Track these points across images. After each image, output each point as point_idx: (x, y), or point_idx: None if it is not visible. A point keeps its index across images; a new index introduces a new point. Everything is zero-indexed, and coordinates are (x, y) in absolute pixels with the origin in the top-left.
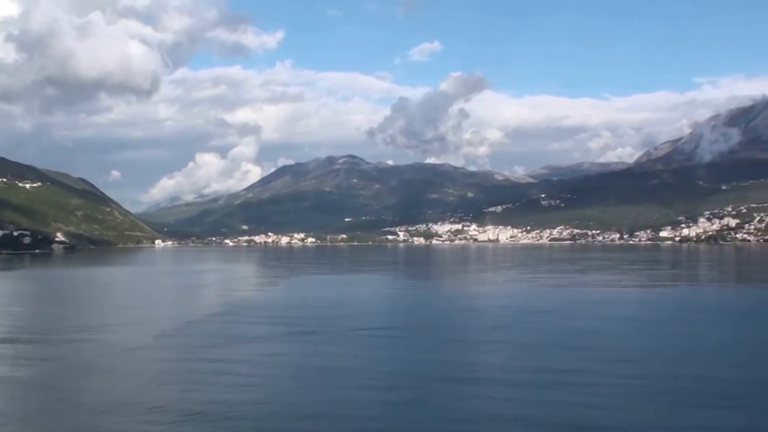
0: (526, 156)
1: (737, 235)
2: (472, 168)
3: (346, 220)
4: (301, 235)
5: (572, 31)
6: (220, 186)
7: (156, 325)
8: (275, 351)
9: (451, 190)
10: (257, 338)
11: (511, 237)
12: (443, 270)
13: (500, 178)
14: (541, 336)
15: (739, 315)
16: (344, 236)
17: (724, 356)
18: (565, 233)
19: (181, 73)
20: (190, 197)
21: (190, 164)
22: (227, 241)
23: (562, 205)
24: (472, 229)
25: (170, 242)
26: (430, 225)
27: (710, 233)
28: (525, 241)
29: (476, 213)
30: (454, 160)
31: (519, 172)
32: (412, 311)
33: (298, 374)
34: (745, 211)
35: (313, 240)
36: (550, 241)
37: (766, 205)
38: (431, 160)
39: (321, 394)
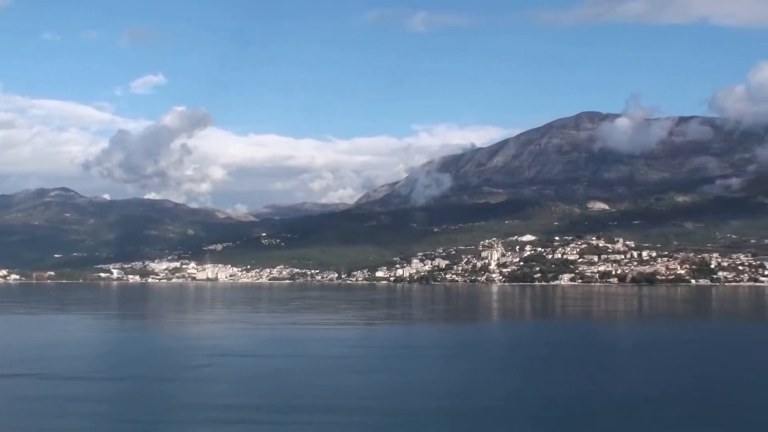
0: (249, 195)
1: (447, 276)
2: (193, 205)
3: (56, 256)
4: (4, 272)
5: (298, 73)
6: None
7: None
8: None
9: (171, 227)
10: None
11: (230, 276)
12: (149, 309)
13: (222, 216)
14: (217, 382)
15: (443, 352)
16: (52, 273)
17: (417, 392)
18: (284, 272)
19: None
20: None
21: None
22: None
23: (283, 244)
24: (191, 267)
25: None
26: (147, 262)
27: (422, 273)
28: (244, 280)
29: (196, 251)
30: (175, 197)
31: (241, 211)
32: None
33: None
34: (454, 252)
35: (17, 277)
36: (269, 280)
37: (472, 247)
38: (151, 195)
39: None
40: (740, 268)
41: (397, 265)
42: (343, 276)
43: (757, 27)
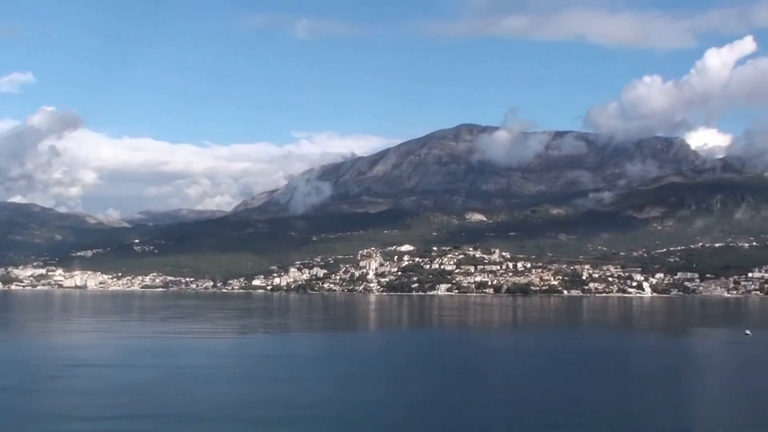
0: (122, 200)
1: (324, 285)
2: (62, 209)
3: None
4: None
5: (176, 76)
6: None
7: None
8: None
9: (37, 232)
10: None
11: (100, 283)
12: (9, 318)
13: (93, 221)
14: (74, 393)
15: (317, 361)
16: None
17: (282, 401)
18: (158, 280)
19: None
20: None
21: None
22: None
23: (157, 251)
24: (58, 274)
25: None
26: (10, 269)
27: (300, 282)
28: (115, 288)
29: (64, 257)
30: (42, 200)
31: (113, 216)
32: None
33: None
34: (332, 261)
35: None
36: (141, 288)
37: (350, 256)
38: (16, 198)
39: None
40: (610, 279)
41: (275, 274)
42: (218, 284)
43: (630, 46)
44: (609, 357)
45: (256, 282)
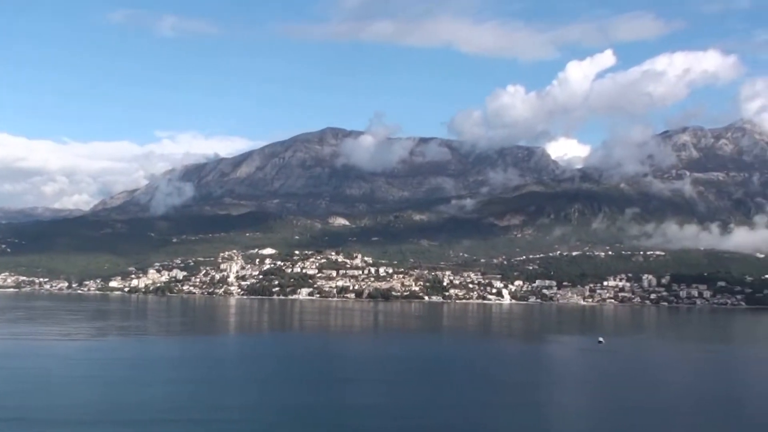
0: None
1: (184, 287)
2: None
3: None
4: None
5: (32, 71)
6: None
7: None
8: None
9: None
10: None
11: None
12: None
13: None
14: None
15: (171, 365)
16: None
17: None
18: (9, 280)
19: None
20: None
21: None
22: None
23: (9, 250)
24: None
25: None
26: None
27: (159, 284)
28: None
29: None
30: None
31: None
32: None
33: None
34: (192, 264)
35: None
36: None
37: (211, 259)
38: None
39: None
40: (470, 285)
41: (133, 276)
42: (74, 285)
43: (495, 56)
44: (468, 364)
45: (113, 283)
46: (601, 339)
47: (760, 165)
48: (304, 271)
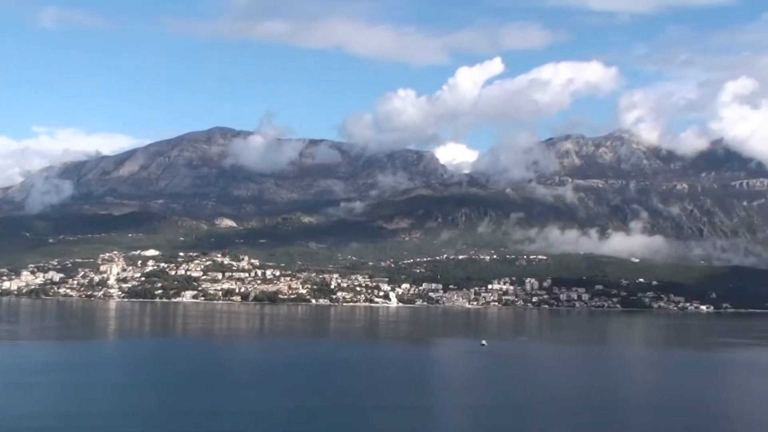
0: None
1: (60, 290)
2: None
3: None
4: None
5: None
6: None
7: None
8: None
9: None
10: None
11: None
12: None
13: None
14: None
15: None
16: None
17: None
18: None
19: None
20: None
21: None
22: None
23: None
24: None
25: None
26: None
27: (33, 287)
28: None
29: None
30: None
31: None
32: None
33: None
34: (70, 265)
35: None
36: None
37: (90, 260)
38: None
39: None
40: (358, 288)
41: (5, 278)
42: None
43: (386, 59)
44: (353, 366)
45: None
46: (483, 342)
47: (637, 173)
48: (188, 273)
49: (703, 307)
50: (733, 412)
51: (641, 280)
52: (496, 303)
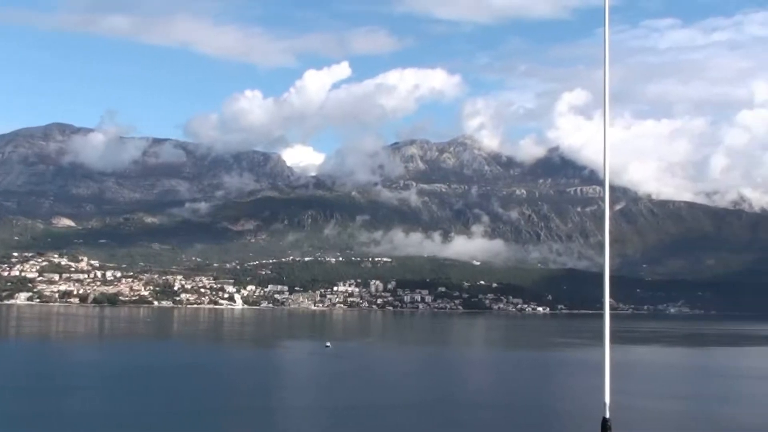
0: None
1: None
2: None
3: None
4: None
5: None
6: None
7: None
8: None
9: None
10: None
11: None
12: None
13: None
14: None
15: None
16: None
17: None
18: None
19: None
20: None
21: None
22: None
23: None
24: None
25: None
26: None
27: None
28: None
29: None
30: None
31: None
32: None
33: None
34: None
35: None
36: None
37: None
38: None
39: None
40: (202, 290)
41: None
42: None
43: (234, 59)
44: (196, 369)
45: None
46: (328, 344)
47: (479, 178)
48: (23, 274)
49: (540, 309)
50: (563, 409)
51: (482, 282)
52: (342, 305)
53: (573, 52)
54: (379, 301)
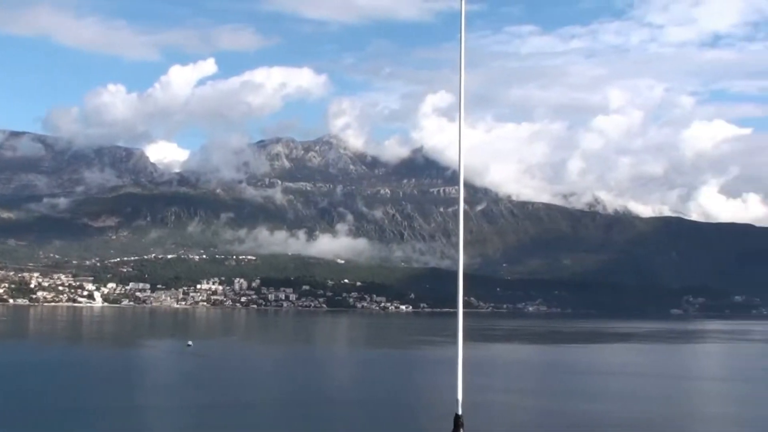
0: None
1: None
2: None
3: None
4: None
5: None
6: None
7: None
8: None
9: None
10: None
11: None
12: None
13: None
14: None
15: None
16: None
17: None
18: None
19: None
20: None
21: None
22: None
23: None
24: None
25: None
26: None
27: None
28: None
29: None
30: None
31: None
32: None
33: None
34: None
35: None
36: None
37: None
38: None
39: None
40: (60, 288)
41: None
42: None
43: (96, 52)
44: (52, 370)
45: None
46: (190, 342)
47: (344, 177)
48: None
49: (403, 307)
50: (419, 405)
51: (346, 280)
52: (205, 303)
53: (437, 55)
54: (244, 299)
